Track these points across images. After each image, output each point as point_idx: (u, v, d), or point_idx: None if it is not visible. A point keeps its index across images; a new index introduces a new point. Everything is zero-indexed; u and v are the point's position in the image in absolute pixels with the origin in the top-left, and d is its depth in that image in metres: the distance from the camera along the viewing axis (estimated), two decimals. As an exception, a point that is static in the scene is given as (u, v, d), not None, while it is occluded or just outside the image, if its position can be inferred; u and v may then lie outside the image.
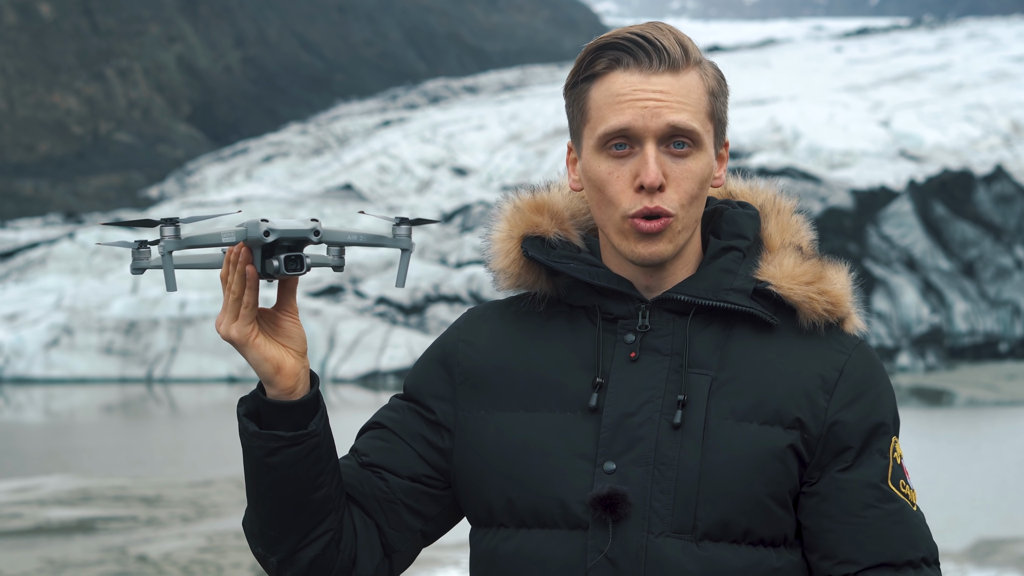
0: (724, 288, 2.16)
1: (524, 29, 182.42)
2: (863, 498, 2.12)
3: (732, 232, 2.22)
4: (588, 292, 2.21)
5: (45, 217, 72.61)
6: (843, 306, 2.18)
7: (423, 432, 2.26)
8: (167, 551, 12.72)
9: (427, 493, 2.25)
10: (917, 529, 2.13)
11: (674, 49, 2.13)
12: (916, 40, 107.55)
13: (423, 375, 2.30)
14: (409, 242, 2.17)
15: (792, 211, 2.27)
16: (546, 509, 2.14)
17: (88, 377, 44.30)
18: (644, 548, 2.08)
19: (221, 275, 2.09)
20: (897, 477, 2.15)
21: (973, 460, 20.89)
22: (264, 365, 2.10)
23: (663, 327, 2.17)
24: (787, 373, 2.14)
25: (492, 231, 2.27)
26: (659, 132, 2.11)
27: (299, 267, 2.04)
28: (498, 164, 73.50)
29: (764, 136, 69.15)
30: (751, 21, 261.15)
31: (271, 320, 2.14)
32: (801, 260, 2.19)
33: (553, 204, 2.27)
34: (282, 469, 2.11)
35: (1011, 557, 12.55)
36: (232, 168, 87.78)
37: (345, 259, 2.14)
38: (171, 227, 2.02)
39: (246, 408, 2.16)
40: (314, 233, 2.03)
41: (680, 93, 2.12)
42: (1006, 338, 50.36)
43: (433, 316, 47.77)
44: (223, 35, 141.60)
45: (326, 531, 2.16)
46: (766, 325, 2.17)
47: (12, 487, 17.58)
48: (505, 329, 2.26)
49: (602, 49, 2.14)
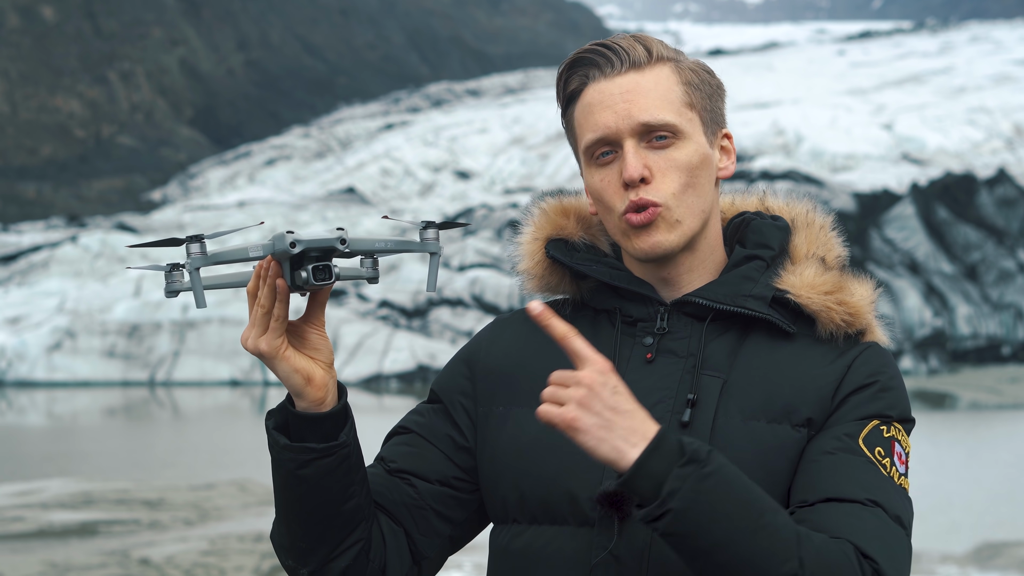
0: (743, 295, 2.17)
1: (527, 32, 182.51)
2: (825, 446, 2.08)
3: (757, 242, 2.23)
4: (610, 295, 2.22)
5: (48, 220, 72.66)
6: (862, 317, 2.18)
7: (450, 433, 2.27)
8: (169, 554, 12.73)
9: (456, 497, 2.25)
10: (881, 486, 2.05)
11: (633, 49, 2.15)
12: (919, 43, 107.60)
13: (449, 376, 2.32)
14: (437, 245, 2.15)
15: (825, 226, 2.27)
16: (556, 505, 2.14)
17: (91, 380, 44.33)
18: (649, 546, 2.07)
19: (248, 289, 2.08)
20: (874, 444, 2.09)
21: (976, 463, 20.89)
22: (294, 377, 2.10)
23: (680, 330, 2.17)
24: (798, 373, 2.13)
25: (519, 234, 2.31)
26: (633, 130, 2.13)
27: (328, 277, 2.03)
28: (501, 167, 73.53)
29: (767, 139, 69.15)
30: (754, 24, 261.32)
31: (297, 332, 2.13)
32: (823, 271, 2.19)
33: (581, 208, 2.29)
34: (313, 481, 2.11)
35: (1014, 560, 12.54)
36: (235, 171, 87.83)
37: (379, 270, 2.14)
38: (197, 244, 2.02)
39: (275, 421, 2.15)
40: (341, 242, 2.01)
41: (646, 88, 2.14)
42: (1009, 341, 50.35)
43: (436, 319, 47.78)
44: (226, 38, 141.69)
45: (356, 541, 2.16)
46: (783, 333, 2.16)
47: (14, 490, 17.59)
48: (528, 330, 2.28)
49: (572, 68, 2.19)
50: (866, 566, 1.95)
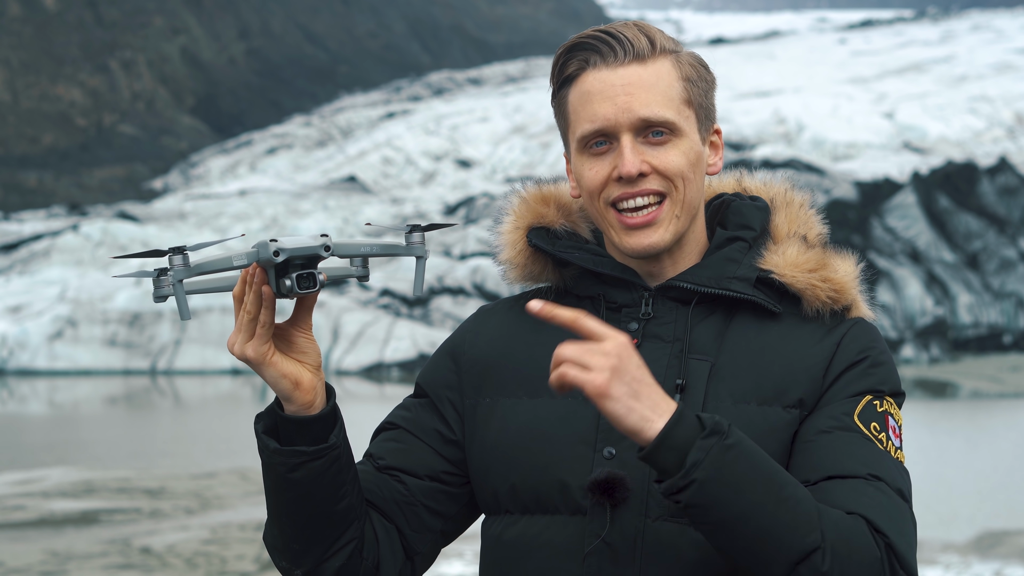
0: (727, 276, 2.16)
1: (528, 21, 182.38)
2: (821, 425, 2.09)
3: (739, 223, 2.22)
4: (593, 282, 2.21)
5: (49, 209, 72.73)
6: (847, 294, 2.17)
7: (437, 426, 2.26)
8: (171, 543, 12.73)
9: (446, 492, 2.25)
10: (880, 460, 2.06)
11: (638, 40, 2.13)
12: (920, 32, 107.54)
13: (433, 369, 2.31)
14: (423, 249, 2.15)
15: (803, 204, 2.27)
16: (547, 494, 2.14)
17: (92, 369, 44.37)
18: (641, 532, 2.07)
19: (235, 294, 2.08)
20: (869, 419, 2.10)
21: (977, 452, 20.90)
22: (282, 382, 2.10)
23: (666, 315, 2.17)
24: (786, 353, 2.13)
25: (500, 223, 2.29)
26: (632, 126, 2.12)
27: (312, 285, 2.03)
28: (502, 156, 73.52)
29: (768, 128, 69.12)
30: (755, 13, 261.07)
31: (284, 336, 2.13)
32: (805, 249, 2.18)
33: (560, 196, 2.28)
34: (305, 484, 2.11)
35: (1015, 549, 12.55)
36: (236, 160, 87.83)
37: (369, 268, 2.14)
38: (179, 255, 2.02)
39: (264, 424, 2.14)
40: (324, 249, 2.01)
41: (648, 82, 2.13)
42: (1010, 330, 50.36)
43: (437, 308, 47.80)
44: (227, 27, 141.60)
45: (350, 540, 2.16)
46: (769, 313, 2.16)
47: (16, 479, 17.60)
48: (512, 320, 2.27)
49: (571, 51, 2.17)
50: (879, 540, 1.96)
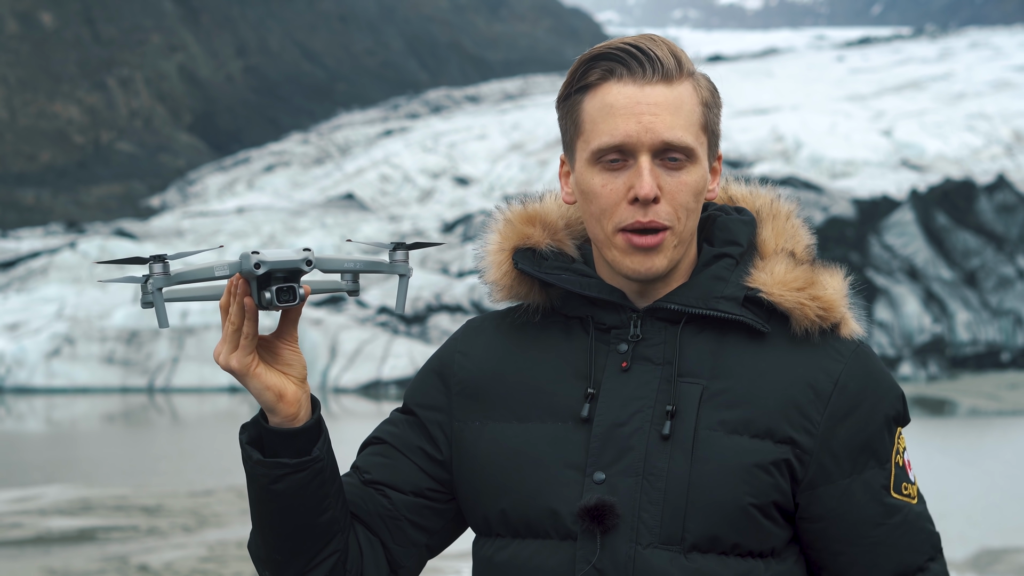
0: (715, 296, 2.13)
1: (526, 39, 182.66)
2: (869, 517, 2.11)
3: (725, 239, 2.19)
4: (581, 303, 2.19)
5: (46, 226, 72.67)
6: (836, 311, 2.14)
7: (422, 445, 2.24)
8: (168, 560, 12.72)
9: (430, 507, 2.24)
10: (922, 531, 2.14)
11: (667, 59, 2.10)
12: (918, 49, 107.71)
13: (420, 387, 2.29)
14: (407, 267, 2.14)
15: (790, 216, 2.24)
16: (537, 519, 2.12)
17: (89, 386, 44.33)
18: (632, 559, 2.06)
19: (221, 304, 2.08)
20: (900, 481, 2.13)
21: (975, 469, 20.87)
22: (266, 394, 2.09)
23: (655, 336, 2.14)
24: (780, 385, 2.11)
25: (484, 244, 2.25)
26: (653, 147, 2.08)
27: (291, 298, 2.01)
28: (500, 173, 73.56)
29: (766, 145, 69.18)
30: (753, 30, 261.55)
31: (269, 348, 2.12)
32: (793, 266, 2.15)
33: (546, 215, 2.24)
34: (287, 495, 2.11)
35: (1013, 567, 12.54)
36: (234, 177, 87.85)
37: (360, 283, 2.12)
38: (159, 264, 2.01)
39: (248, 436, 2.14)
40: (306, 263, 2.00)
41: (674, 105, 2.09)
42: (1008, 348, 50.35)
43: (435, 325, 47.78)
44: (225, 44, 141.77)
45: (332, 552, 2.16)
46: (759, 332, 2.14)
47: (13, 496, 17.57)
48: (500, 340, 2.25)
49: (595, 60, 2.12)
50: None
